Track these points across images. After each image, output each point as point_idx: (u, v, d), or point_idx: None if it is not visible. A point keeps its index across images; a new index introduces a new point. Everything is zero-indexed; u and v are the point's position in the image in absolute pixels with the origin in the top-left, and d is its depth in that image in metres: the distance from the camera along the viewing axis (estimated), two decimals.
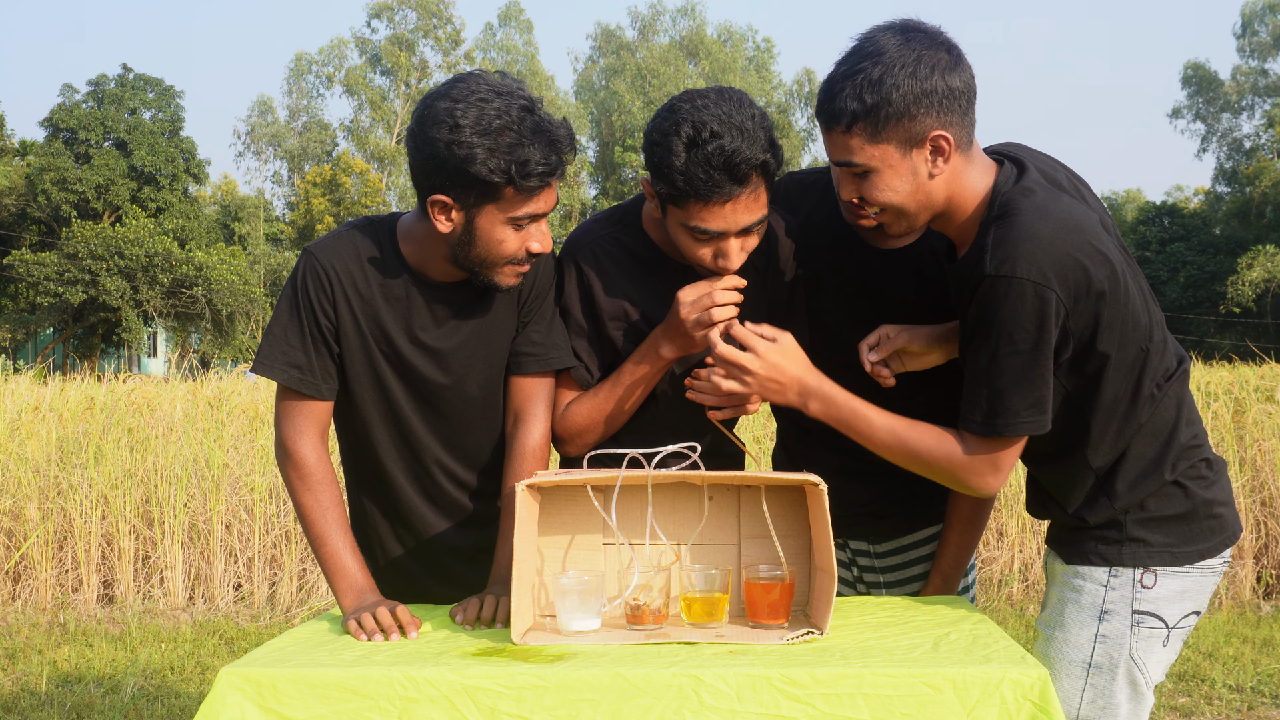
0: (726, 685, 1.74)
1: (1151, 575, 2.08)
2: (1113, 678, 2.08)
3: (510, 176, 2.09)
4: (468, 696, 1.75)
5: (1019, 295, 1.89)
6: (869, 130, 1.96)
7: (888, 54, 1.94)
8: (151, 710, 4.78)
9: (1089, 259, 1.92)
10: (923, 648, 1.89)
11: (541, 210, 2.16)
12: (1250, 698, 4.91)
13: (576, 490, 2.16)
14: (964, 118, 1.98)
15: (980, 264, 1.93)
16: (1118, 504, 2.08)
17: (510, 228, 2.16)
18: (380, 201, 51.32)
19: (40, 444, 7.34)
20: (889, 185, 2.00)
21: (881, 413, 2.08)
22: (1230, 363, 17.21)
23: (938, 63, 1.94)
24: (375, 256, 2.29)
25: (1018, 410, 1.96)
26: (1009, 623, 6.10)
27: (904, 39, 1.95)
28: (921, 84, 1.93)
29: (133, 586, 6.73)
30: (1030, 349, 1.92)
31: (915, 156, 1.98)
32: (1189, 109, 55.39)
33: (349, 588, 2.20)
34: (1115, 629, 2.08)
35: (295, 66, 54.71)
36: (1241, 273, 44.46)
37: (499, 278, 2.22)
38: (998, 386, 1.95)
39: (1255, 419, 7.46)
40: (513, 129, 2.08)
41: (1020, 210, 1.94)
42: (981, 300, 1.93)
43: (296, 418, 2.29)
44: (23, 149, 46.45)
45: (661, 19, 55.54)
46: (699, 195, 2.11)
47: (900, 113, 1.94)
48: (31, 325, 41.47)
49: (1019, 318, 1.90)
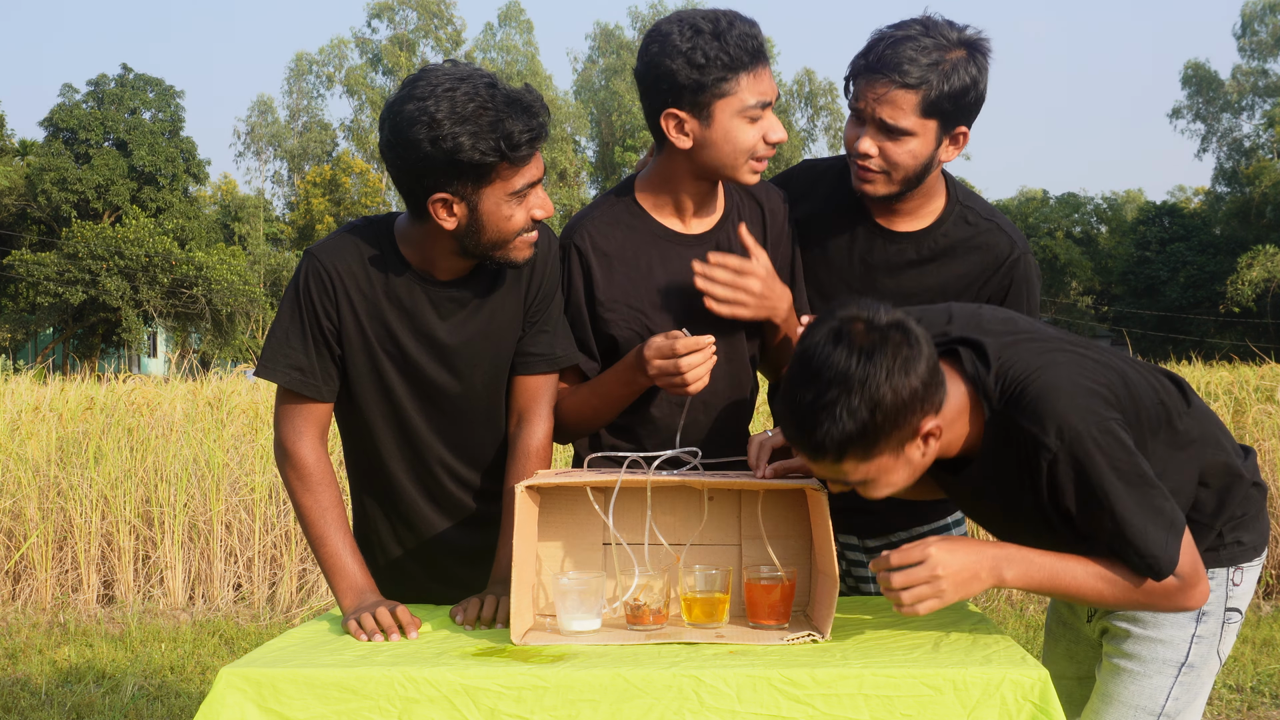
0: (727, 686, 1.74)
1: (1240, 572, 2.11)
2: (1200, 674, 2.10)
3: (502, 153, 2.10)
4: (468, 697, 1.75)
5: (1096, 444, 1.82)
6: (861, 452, 1.82)
7: (854, 376, 1.77)
8: (151, 710, 4.78)
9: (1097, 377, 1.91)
10: (923, 648, 1.89)
11: (536, 176, 2.17)
12: (1250, 698, 4.91)
13: (577, 491, 2.16)
14: (938, 390, 1.86)
15: (1038, 450, 1.84)
16: (1218, 523, 2.09)
17: (514, 202, 2.17)
18: (380, 201, 51.32)
19: (40, 444, 7.34)
20: (888, 484, 1.90)
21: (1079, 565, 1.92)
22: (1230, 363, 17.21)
23: (904, 361, 1.79)
24: (376, 257, 2.29)
25: (1162, 542, 1.85)
26: (1009, 623, 6.10)
27: (862, 353, 1.78)
28: (901, 394, 1.78)
29: (133, 586, 6.73)
30: (1131, 478, 1.83)
31: (910, 450, 1.87)
32: (1189, 109, 55.41)
33: (349, 588, 2.20)
34: (1210, 628, 2.09)
35: (295, 66, 54.73)
36: (1241, 272, 44.48)
37: (513, 254, 2.22)
38: (1134, 532, 1.84)
39: (1255, 419, 7.45)
40: (488, 107, 2.10)
41: (1025, 379, 1.88)
42: (1064, 477, 1.84)
43: (296, 419, 2.30)
44: (23, 149, 46.45)
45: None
46: (747, 65, 2.23)
47: (890, 427, 1.80)
48: (31, 325, 41.48)
49: (1110, 463, 1.82)
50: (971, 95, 2.33)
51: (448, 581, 2.39)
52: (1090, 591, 1.90)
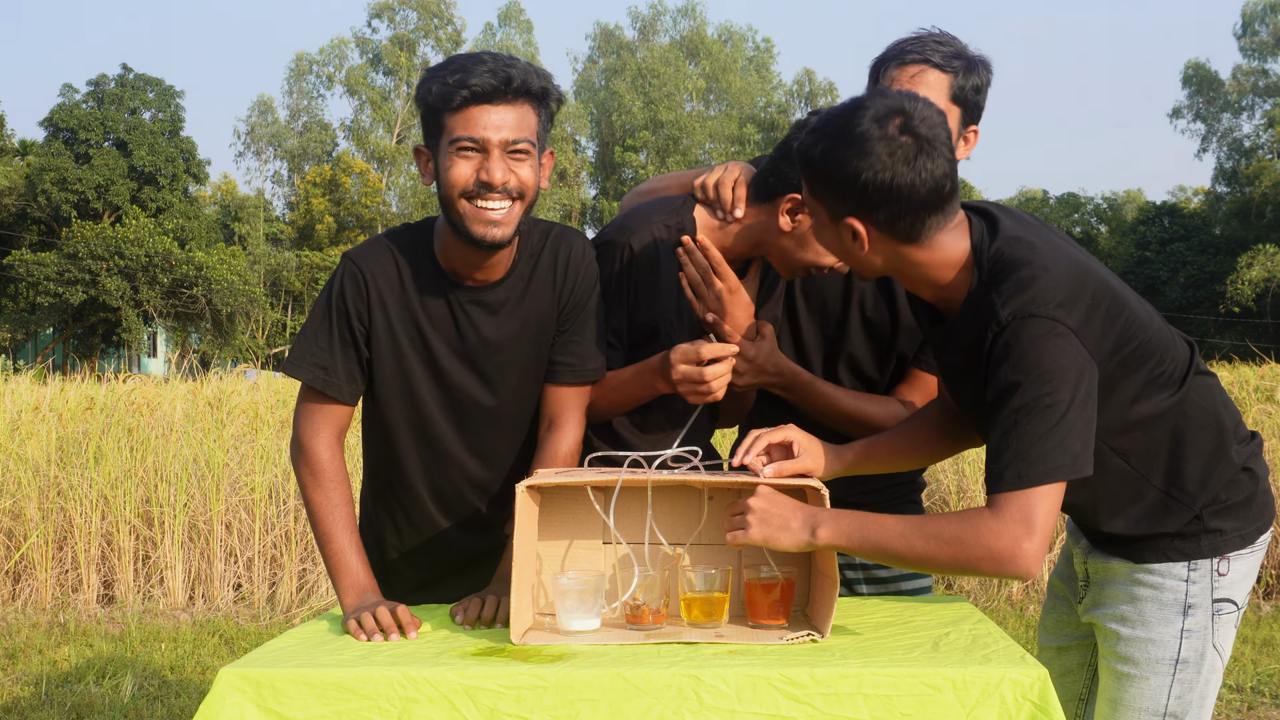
0: (726, 685, 1.74)
1: (1225, 562, 2.07)
2: (1199, 670, 2.07)
3: (446, 99, 2.12)
4: (467, 696, 1.75)
5: (1044, 335, 1.83)
6: (809, 182, 1.96)
7: (849, 127, 1.87)
8: (151, 710, 4.78)
9: (1088, 281, 1.92)
10: (922, 648, 1.89)
11: (475, 133, 2.13)
12: (1250, 698, 4.91)
13: (577, 490, 2.16)
14: (900, 218, 1.89)
15: (991, 319, 1.88)
16: (1197, 502, 2.05)
17: (455, 155, 2.15)
18: (380, 201, 51.31)
19: (40, 444, 7.34)
20: (823, 238, 2.01)
21: (892, 516, 1.96)
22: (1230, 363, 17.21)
23: (870, 154, 1.85)
24: (411, 261, 2.29)
25: (1050, 454, 1.81)
26: (1009, 623, 6.11)
27: (873, 121, 1.86)
28: (839, 170, 1.87)
29: (133, 586, 6.73)
30: (1060, 388, 1.82)
31: (841, 229, 1.94)
32: (1189, 109, 55.43)
33: (351, 585, 2.20)
34: (1199, 622, 2.06)
35: (296, 66, 54.74)
36: (1241, 272, 44.48)
37: (468, 224, 2.17)
38: (1027, 434, 1.82)
39: (1255, 419, 7.45)
40: (458, 59, 2.14)
41: (1017, 260, 1.90)
42: (1003, 351, 1.86)
43: (315, 416, 2.30)
44: (23, 149, 46.46)
45: (661, 19, 55.60)
46: None
47: (826, 188, 1.92)
48: (31, 325, 41.47)
49: (1046, 360, 1.82)
50: (983, 96, 2.47)
51: (449, 584, 2.39)
52: (906, 548, 1.88)
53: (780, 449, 2.12)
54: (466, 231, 2.18)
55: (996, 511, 1.83)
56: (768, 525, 1.94)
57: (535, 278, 2.32)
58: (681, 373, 2.22)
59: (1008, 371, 1.85)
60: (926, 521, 1.89)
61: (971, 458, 7.34)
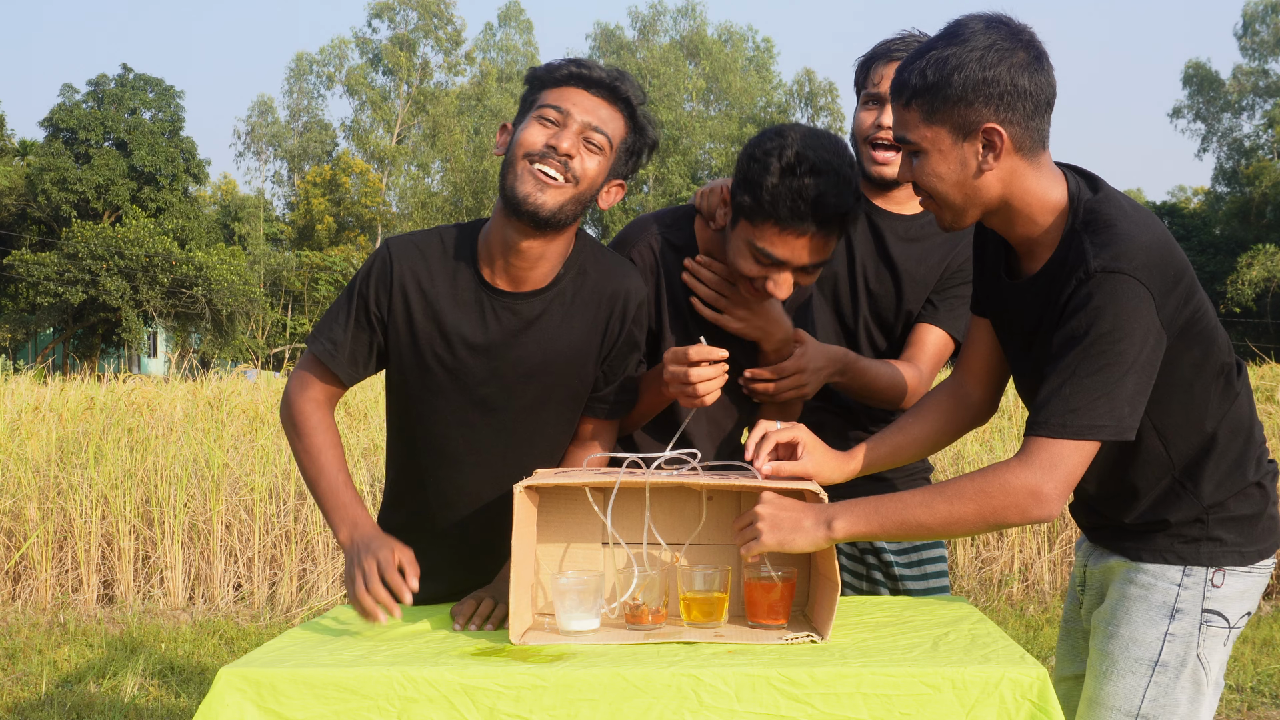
0: (725, 685, 1.74)
1: (1221, 574, 2.05)
2: (1177, 676, 2.03)
3: (551, 71, 2.18)
4: (467, 696, 1.75)
5: (1127, 293, 1.83)
6: (925, 109, 1.92)
7: (963, 38, 1.89)
8: (151, 710, 4.78)
9: (1175, 257, 1.92)
10: (922, 647, 1.89)
11: (563, 104, 2.16)
12: (1250, 698, 4.91)
13: (576, 491, 2.16)
14: (1029, 120, 1.91)
15: (1081, 266, 1.87)
16: (1205, 501, 2.03)
17: (534, 120, 2.17)
18: (380, 201, 51.33)
19: (40, 444, 7.34)
20: (935, 171, 1.96)
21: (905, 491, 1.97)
22: None
23: (1013, 59, 1.89)
24: (452, 257, 2.29)
25: (1098, 410, 1.83)
26: (1009, 623, 6.10)
27: (986, 27, 1.91)
28: (985, 72, 1.87)
29: (133, 586, 6.72)
30: (1127, 349, 1.83)
31: (966, 147, 1.93)
32: (1189, 109, 55.41)
33: (344, 519, 2.22)
34: (1185, 628, 2.03)
35: (296, 66, 54.73)
36: (1241, 272, 44.46)
37: (518, 183, 2.15)
38: (1083, 385, 1.83)
39: None
40: (574, 57, 2.21)
41: (1113, 218, 1.91)
42: (1084, 299, 1.85)
43: (307, 381, 2.33)
44: (23, 149, 46.46)
45: (661, 19, 55.57)
46: (779, 220, 2.17)
47: (957, 97, 1.89)
48: (31, 325, 41.47)
49: (1122, 316, 1.83)
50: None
51: (448, 578, 2.38)
52: (929, 515, 1.89)
53: (786, 448, 2.13)
54: (513, 191, 2.15)
55: (1022, 458, 1.86)
56: (779, 529, 1.94)
57: (578, 303, 2.29)
58: (670, 373, 2.22)
59: (1081, 321, 1.85)
60: (945, 484, 1.90)
61: (972, 453, 7.34)
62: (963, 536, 1.95)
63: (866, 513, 1.93)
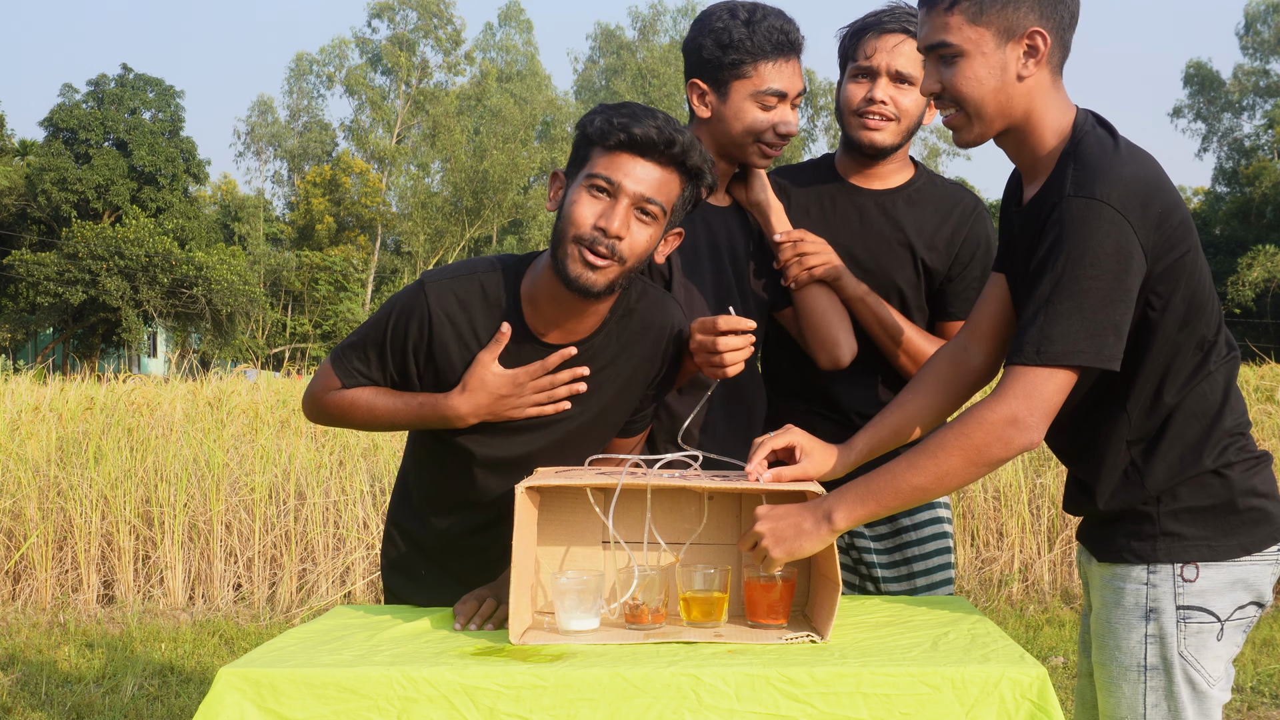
0: (725, 685, 1.74)
1: (1193, 569, 1.95)
2: (1170, 678, 1.96)
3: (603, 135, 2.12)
4: (467, 696, 1.75)
5: (1097, 218, 1.81)
6: (972, 10, 1.91)
7: None
8: (151, 710, 4.78)
9: (1162, 195, 1.89)
10: (921, 647, 1.89)
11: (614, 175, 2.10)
12: (1250, 698, 4.91)
13: (576, 491, 2.16)
14: (1065, 32, 1.95)
15: (1059, 189, 1.87)
16: (1149, 483, 1.96)
17: (585, 191, 2.12)
18: (380, 201, 51.31)
19: (40, 444, 7.34)
20: (976, 75, 1.94)
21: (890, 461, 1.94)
22: None
23: None
24: (492, 304, 2.21)
25: (1074, 337, 1.80)
26: (1008, 623, 6.10)
27: None
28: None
29: (133, 586, 6.72)
30: (1101, 275, 1.81)
31: (1009, 51, 1.92)
32: (1190, 108, 55.40)
33: (431, 401, 2.20)
34: (1163, 628, 1.96)
35: (295, 66, 54.70)
36: (1241, 273, 44.45)
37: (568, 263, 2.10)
38: (1056, 311, 1.81)
39: (1255, 419, 7.46)
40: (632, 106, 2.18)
41: (1103, 146, 1.91)
42: (1056, 224, 1.84)
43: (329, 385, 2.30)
44: (23, 149, 46.44)
45: (662, 19, 55.54)
46: (770, 54, 2.42)
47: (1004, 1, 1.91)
48: (31, 325, 41.46)
49: (1093, 242, 1.81)
50: None
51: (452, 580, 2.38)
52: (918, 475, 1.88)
53: (784, 453, 2.12)
54: (564, 270, 2.10)
55: (998, 391, 1.85)
56: (783, 541, 1.93)
57: (625, 345, 2.26)
58: (698, 342, 2.23)
59: (1053, 245, 1.83)
60: (926, 440, 1.90)
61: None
62: (961, 486, 1.90)
63: (860, 494, 1.92)
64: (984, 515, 7.01)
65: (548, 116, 53.03)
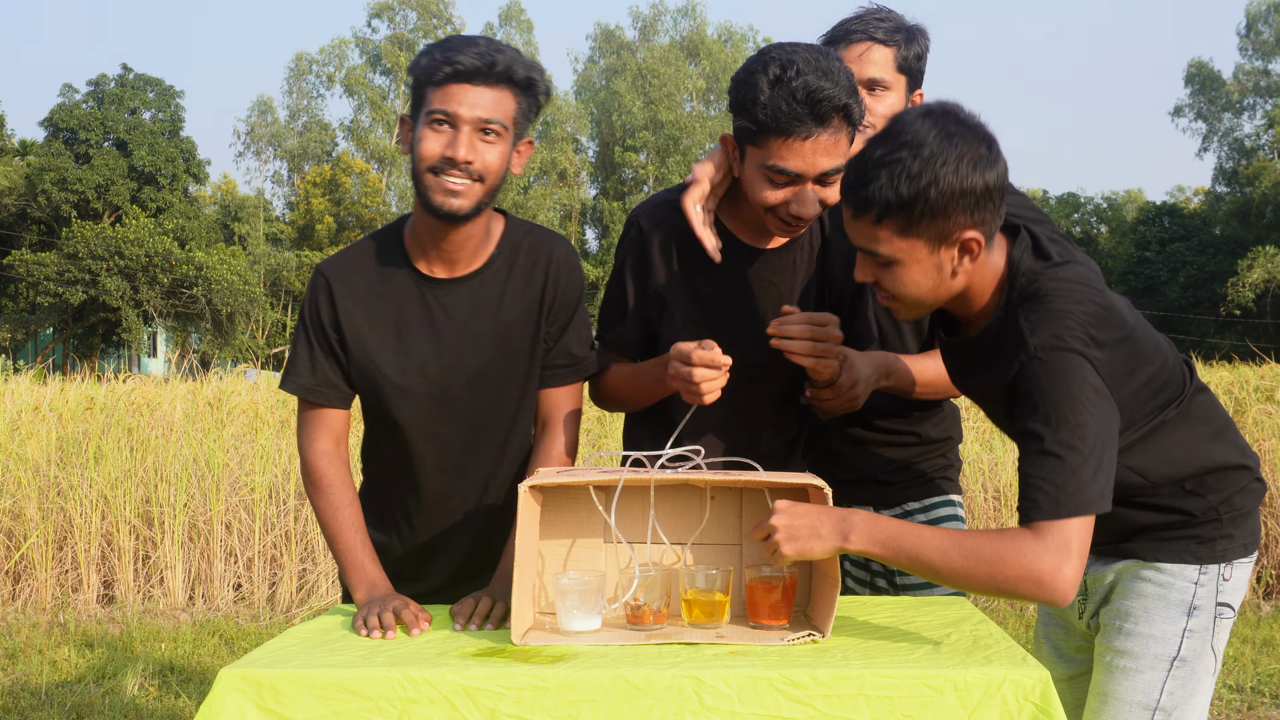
0: (727, 686, 1.74)
1: (1230, 568, 2.10)
2: (1194, 669, 2.09)
3: (430, 73, 2.19)
4: (468, 697, 1.75)
5: (1075, 368, 1.85)
6: (900, 224, 1.89)
7: (928, 147, 1.85)
8: (151, 710, 4.78)
9: (1106, 298, 1.96)
10: (924, 649, 1.89)
11: (449, 107, 2.17)
12: (1250, 698, 4.91)
13: (578, 490, 2.16)
14: (997, 215, 1.92)
15: (1020, 347, 1.89)
16: (1215, 501, 2.09)
17: (427, 128, 2.20)
18: (380, 201, 51.31)
19: (40, 444, 7.34)
20: (912, 279, 1.95)
21: (929, 528, 1.94)
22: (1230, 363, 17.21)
23: (978, 159, 1.87)
24: (380, 260, 2.35)
25: (1086, 487, 1.82)
26: (1009, 623, 6.10)
27: (944, 133, 1.86)
28: (961, 182, 1.85)
29: (133, 586, 6.72)
30: (1087, 424, 1.84)
31: (943, 254, 1.92)
32: (1191, 108, 55.42)
33: (361, 580, 2.25)
34: (1202, 623, 2.09)
35: (295, 66, 54.74)
36: (1241, 274, 44.49)
37: (430, 194, 2.22)
38: (1062, 467, 1.83)
39: (1255, 419, 7.45)
40: (454, 40, 2.21)
41: (1046, 292, 1.93)
42: (1028, 385, 1.87)
43: (309, 427, 2.38)
44: (23, 149, 46.46)
45: (662, 19, 55.57)
46: (780, 130, 2.13)
47: (936, 210, 1.87)
48: (31, 325, 41.47)
49: (1072, 395, 1.84)
50: (924, 62, 2.63)
51: (436, 575, 2.43)
52: (943, 562, 1.85)
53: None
54: (428, 201, 2.23)
55: (1038, 534, 1.82)
56: (796, 539, 1.92)
57: (514, 274, 2.35)
58: (674, 369, 2.22)
59: (1039, 404, 1.85)
60: (965, 537, 1.87)
61: (972, 453, 7.34)
62: (973, 592, 1.93)
63: (884, 538, 1.89)
64: (984, 515, 7.01)
65: (548, 116, 53.03)
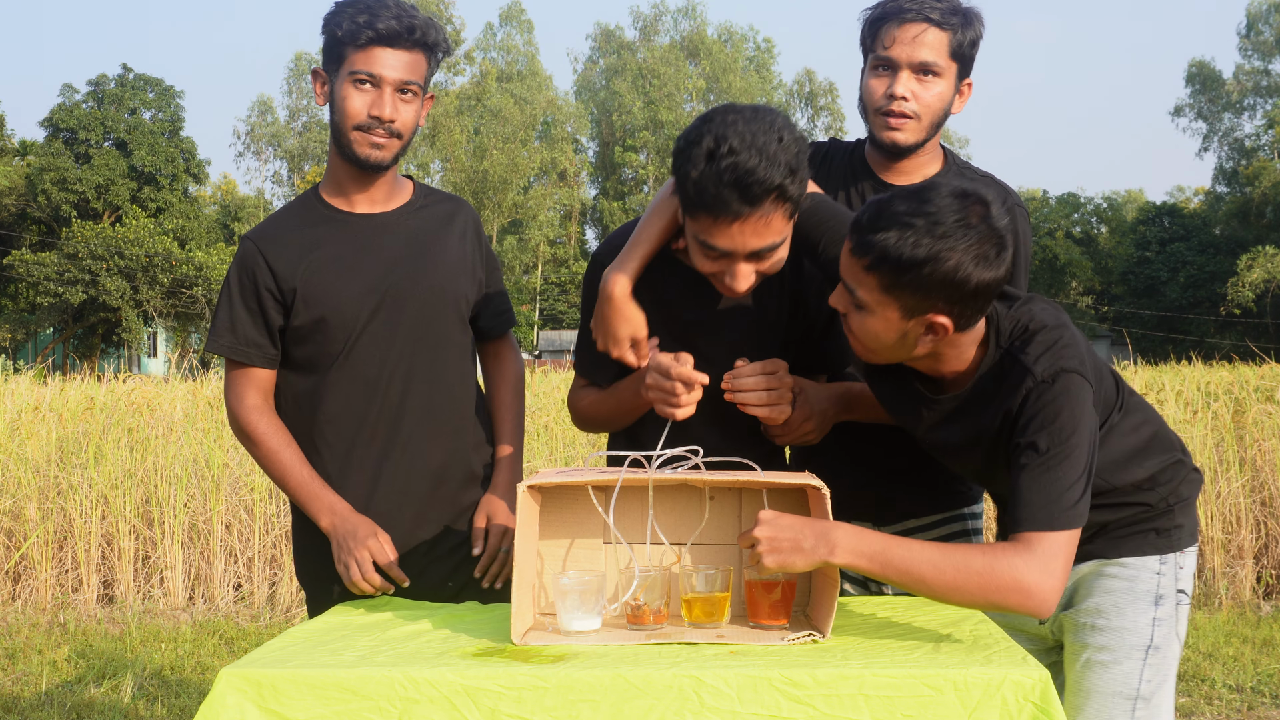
0: (727, 686, 1.74)
1: (1183, 555, 2.24)
2: (1165, 655, 2.20)
3: (353, 35, 2.37)
4: (468, 697, 1.75)
5: (1077, 389, 1.95)
6: (886, 281, 1.91)
7: (943, 227, 1.86)
8: (151, 710, 4.78)
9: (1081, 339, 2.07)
10: (924, 648, 1.89)
11: (374, 69, 2.37)
12: (1250, 698, 4.91)
13: (577, 489, 2.16)
14: (977, 311, 1.96)
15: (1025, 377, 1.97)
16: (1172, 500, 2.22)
17: (352, 86, 2.40)
18: None
19: (40, 444, 7.34)
20: (875, 330, 1.98)
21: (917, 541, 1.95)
22: (1230, 363, 17.22)
23: (981, 257, 1.88)
24: (301, 212, 2.53)
25: (1076, 501, 1.91)
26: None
27: (964, 222, 1.87)
28: (955, 273, 1.87)
29: (133, 586, 6.72)
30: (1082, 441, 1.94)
31: (911, 324, 1.95)
32: (1191, 107, 55.41)
33: (322, 508, 2.41)
34: (1167, 610, 2.21)
35: (295, 66, 54.70)
36: (1241, 274, 44.50)
37: (355, 148, 2.43)
38: (1057, 480, 1.91)
39: (1255, 419, 7.45)
40: (365, 1, 2.39)
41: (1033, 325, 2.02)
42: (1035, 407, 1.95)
43: (236, 384, 2.50)
44: (23, 149, 46.46)
45: (662, 19, 55.59)
46: (707, 210, 2.05)
47: (920, 286, 1.89)
48: (31, 325, 41.47)
49: (1073, 411, 1.94)
50: (978, 49, 2.50)
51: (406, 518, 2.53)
52: (934, 575, 1.87)
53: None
54: (353, 154, 2.44)
55: (1028, 546, 1.89)
56: (779, 552, 1.93)
57: (435, 221, 2.57)
58: (652, 380, 2.21)
59: (1043, 421, 1.94)
60: (954, 550, 1.89)
61: None
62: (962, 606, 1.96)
63: (872, 551, 1.90)
64: (983, 515, 7.01)
65: (548, 116, 53.05)
